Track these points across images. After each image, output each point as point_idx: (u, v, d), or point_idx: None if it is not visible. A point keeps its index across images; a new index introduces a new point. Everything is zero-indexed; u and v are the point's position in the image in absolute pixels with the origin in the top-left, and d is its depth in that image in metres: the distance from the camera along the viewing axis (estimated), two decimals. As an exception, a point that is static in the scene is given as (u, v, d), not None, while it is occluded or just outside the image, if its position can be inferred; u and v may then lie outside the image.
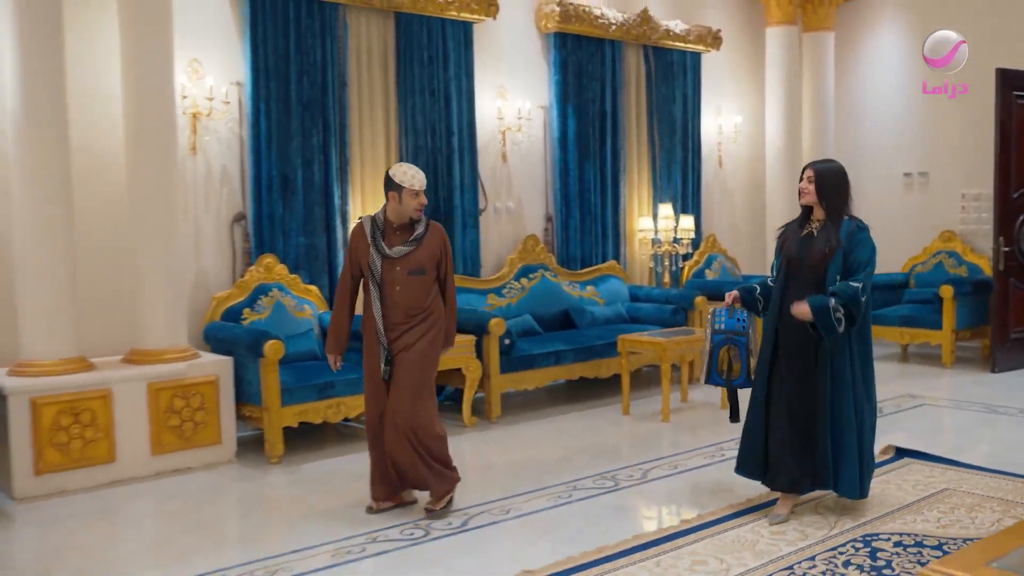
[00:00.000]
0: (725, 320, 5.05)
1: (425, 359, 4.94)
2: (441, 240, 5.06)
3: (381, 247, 4.87)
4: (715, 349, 5.05)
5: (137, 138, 5.91)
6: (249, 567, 4.24)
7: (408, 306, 4.92)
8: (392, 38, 7.45)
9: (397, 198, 4.86)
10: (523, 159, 8.45)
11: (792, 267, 4.77)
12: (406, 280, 4.91)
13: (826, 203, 4.73)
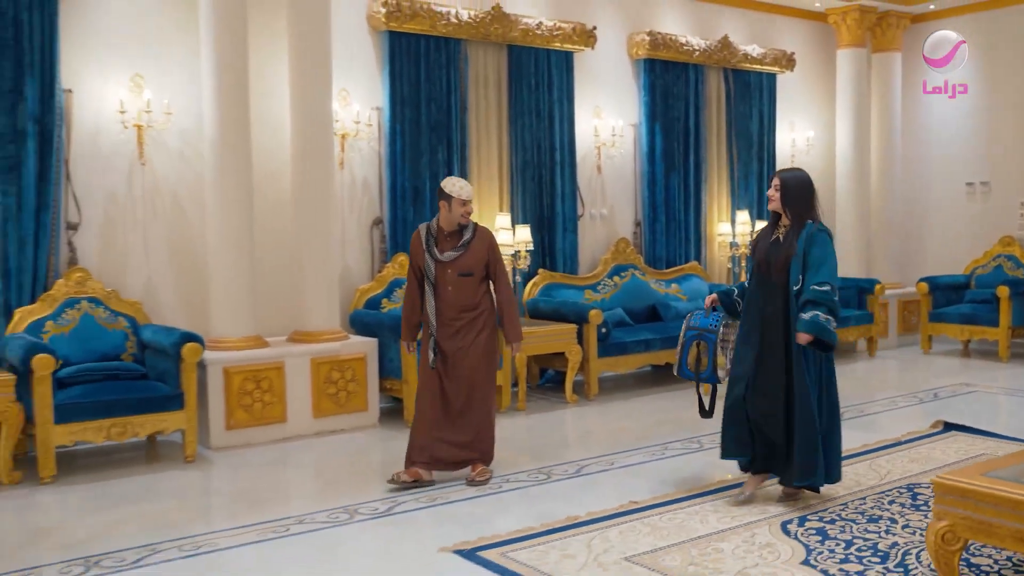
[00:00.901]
0: (700, 319, 5.45)
1: (485, 357, 5.61)
2: (488, 244, 5.67)
3: (434, 252, 5.54)
4: (687, 344, 5.43)
5: (301, 156, 7.17)
6: (391, 498, 5.40)
7: (459, 303, 5.57)
8: (505, 67, 8.61)
9: (447, 207, 5.54)
10: (616, 171, 9.54)
11: (762, 269, 5.12)
12: (456, 281, 5.56)
13: (790, 210, 5.08)
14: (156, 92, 6.89)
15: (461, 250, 5.56)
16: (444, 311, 5.56)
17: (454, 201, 5.53)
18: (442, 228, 5.60)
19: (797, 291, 4.96)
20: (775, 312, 5.06)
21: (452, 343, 5.57)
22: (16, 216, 6.36)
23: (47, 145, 6.45)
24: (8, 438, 5.72)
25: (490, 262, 5.66)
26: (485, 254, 5.63)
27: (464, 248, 5.57)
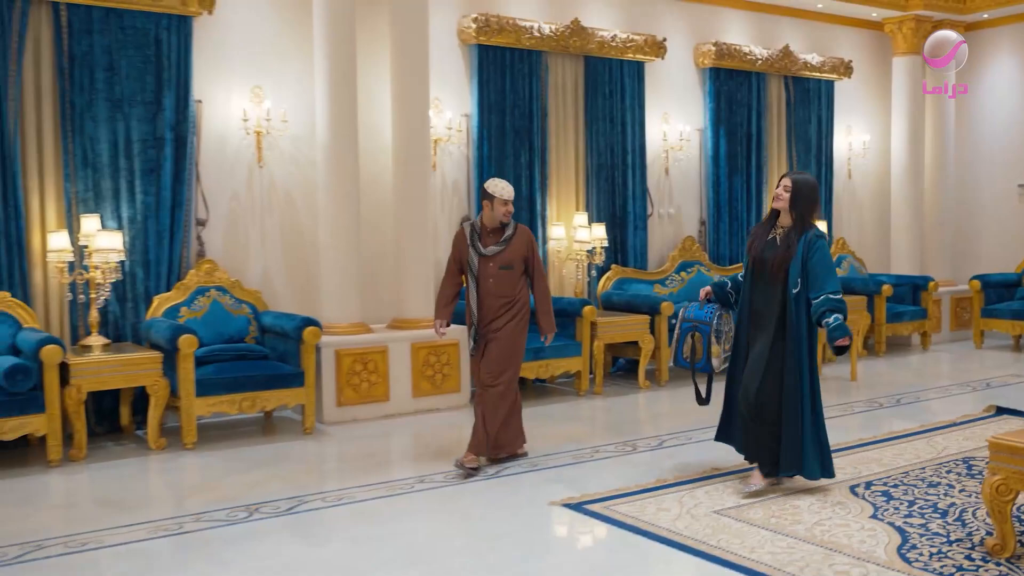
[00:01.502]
0: (695, 312, 5.65)
1: (512, 340, 5.95)
2: (527, 241, 6.03)
3: (478, 247, 5.96)
4: (682, 335, 5.65)
5: (402, 160, 7.87)
6: (497, 464, 6.07)
7: (500, 295, 5.96)
8: (582, 77, 9.26)
9: (490, 206, 5.94)
10: (682, 173, 10.15)
11: (757, 266, 5.27)
12: (498, 274, 5.95)
13: (796, 211, 5.20)
14: (274, 102, 7.65)
15: (503, 245, 5.96)
16: (485, 301, 5.97)
17: (496, 200, 5.94)
18: (485, 225, 6.02)
19: (797, 293, 5.11)
20: (767, 308, 5.24)
21: (490, 330, 5.98)
22: (155, 213, 7.14)
23: (182, 150, 7.23)
24: (156, 408, 6.50)
25: (528, 258, 6.04)
26: (524, 250, 6.02)
27: (506, 244, 5.97)
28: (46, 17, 6.75)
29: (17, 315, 6.57)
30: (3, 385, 5.89)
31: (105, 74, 6.92)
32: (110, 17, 6.91)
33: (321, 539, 4.80)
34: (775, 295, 5.20)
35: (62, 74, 6.80)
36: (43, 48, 6.77)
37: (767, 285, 5.23)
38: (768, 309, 5.23)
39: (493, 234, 6.01)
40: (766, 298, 5.25)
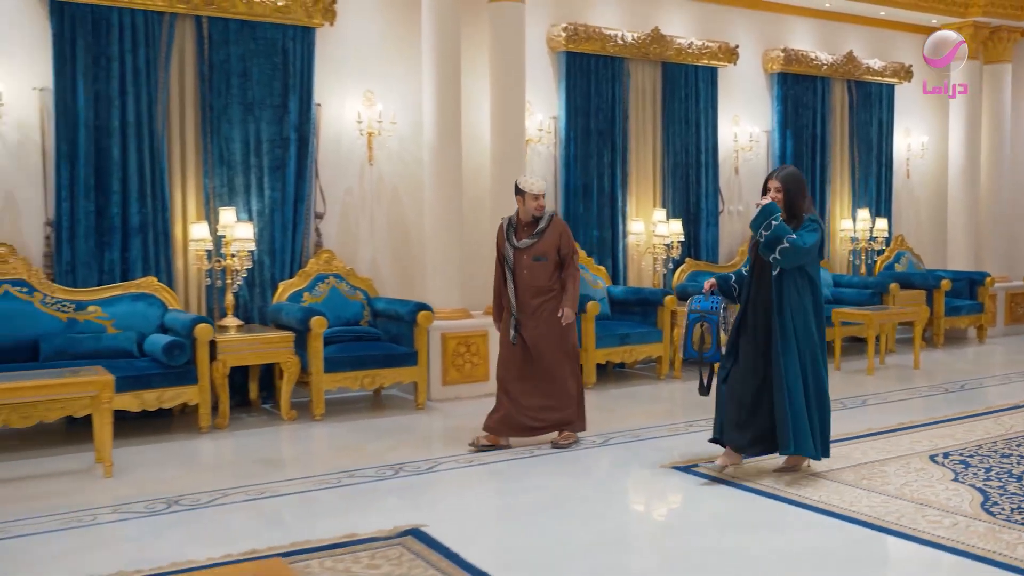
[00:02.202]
0: (701, 303, 5.78)
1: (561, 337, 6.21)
2: (560, 232, 6.24)
3: (512, 240, 6.25)
4: (690, 326, 5.77)
5: (499, 159, 8.50)
6: (603, 435, 6.70)
7: (534, 285, 6.21)
8: (660, 81, 9.87)
9: (522, 201, 6.22)
10: (751, 172, 10.72)
11: (756, 263, 5.48)
12: (532, 265, 6.21)
13: (792, 208, 5.37)
14: (385, 105, 8.33)
15: (536, 238, 6.21)
16: (521, 292, 6.22)
17: (527, 196, 6.22)
18: (520, 219, 6.31)
19: (778, 273, 5.29)
20: (765, 299, 5.42)
21: (530, 322, 6.21)
22: (280, 207, 7.85)
23: (304, 149, 7.92)
24: (288, 383, 7.19)
25: (561, 247, 6.26)
26: (557, 240, 6.24)
27: (539, 236, 6.21)
28: (190, 30, 7.47)
29: (163, 298, 7.29)
30: (163, 359, 6.61)
31: (239, 80, 7.63)
32: (244, 29, 7.61)
33: (471, 492, 5.45)
34: (769, 288, 5.39)
35: (203, 80, 7.52)
36: (187, 57, 7.49)
37: (765, 278, 5.41)
38: (765, 300, 5.43)
39: (527, 227, 6.29)
40: (763, 290, 5.43)
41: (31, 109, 7.03)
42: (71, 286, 7.07)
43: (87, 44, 7.05)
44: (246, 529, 4.76)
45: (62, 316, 6.94)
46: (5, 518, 4.85)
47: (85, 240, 7.12)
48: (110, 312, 7.08)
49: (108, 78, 7.13)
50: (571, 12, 9.34)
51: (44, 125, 7.07)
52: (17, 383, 5.55)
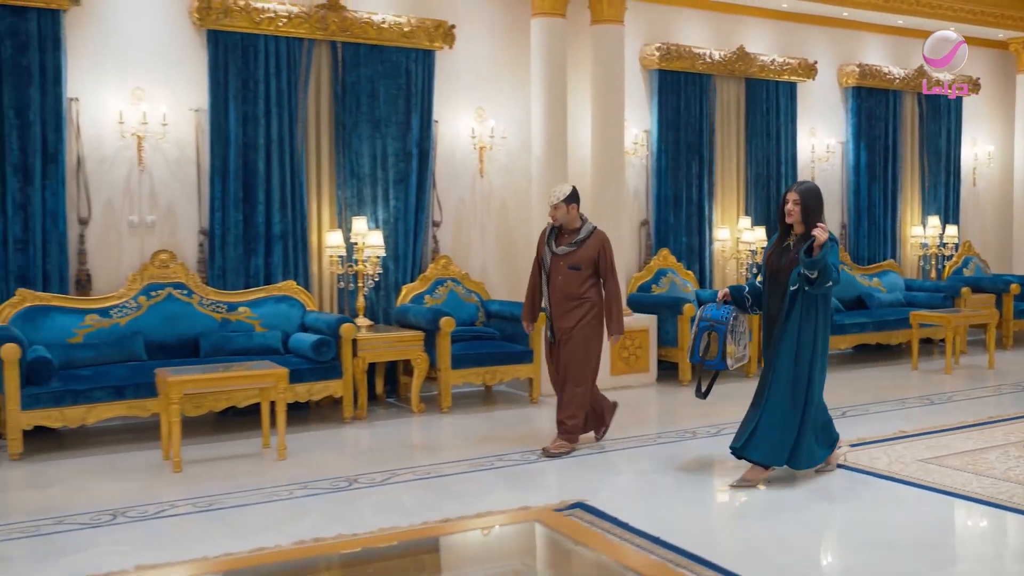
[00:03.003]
0: (712, 311, 5.91)
1: (584, 340, 6.41)
2: (599, 245, 6.38)
3: (551, 246, 6.47)
4: (699, 333, 5.92)
5: (600, 170, 9.11)
6: (715, 426, 7.29)
7: (565, 292, 6.38)
8: (743, 97, 10.44)
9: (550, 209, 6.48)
10: (827, 181, 11.24)
11: (772, 275, 5.60)
12: (566, 272, 6.38)
13: (806, 221, 5.44)
14: (496, 121, 8.97)
15: (574, 247, 6.39)
16: (553, 297, 6.46)
17: (551, 206, 6.50)
18: (563, 226, 6.51)
19: (794, 291, 5.41)
20: (775, 313, 5.58)
21: (560, 324, 6.45)
22: (403, 216, 8.50)
23: (424, 163, 8.58)
24: (419, 378, 7.84)
25: (600, 261, 6.39)
26: (596, 253, 6.39)
27: (577, 246, 6.38)
28: (326, 55, 8.15)
29: (302, 300, 7.96)
30: (311, 356, 7.28)
31: (368, 100, 8.29)
32: (373, 53, 8.28)
33: (612, 471, 6.05)
34: (782, 299, 5.51)
35: (336, 100, 8.19)
36: (323, 79, 8.17)
37: (779, 290, 5.52)
38: (776, 314, 5.56)
39: (568, 235, 6.46)
40: (777, 302, 5.55)
41: (188, 128, 7.73)
42: (222, 289, 7.76)
43: (237, 69, 7.75)
44: (427, 502, 5.39)
45: (217, 316, 7.63)
46: (215, 492, 5.53)
47: (234, 247, 7.81)
48: (257, 312, 7.77)
49: (255, 99, 7.81)
50: (663, 32, 9.95)
51: (199, 143, 7.77)
52: (216, 374, 6.26)
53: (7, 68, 6.97)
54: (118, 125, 7.41)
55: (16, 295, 7.01)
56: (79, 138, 7.33)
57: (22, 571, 4.35)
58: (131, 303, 7.37)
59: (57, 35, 7.12)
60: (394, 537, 3.70)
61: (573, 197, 6.46)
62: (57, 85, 7.14)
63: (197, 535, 4.84)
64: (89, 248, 7.43)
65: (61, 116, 7.16)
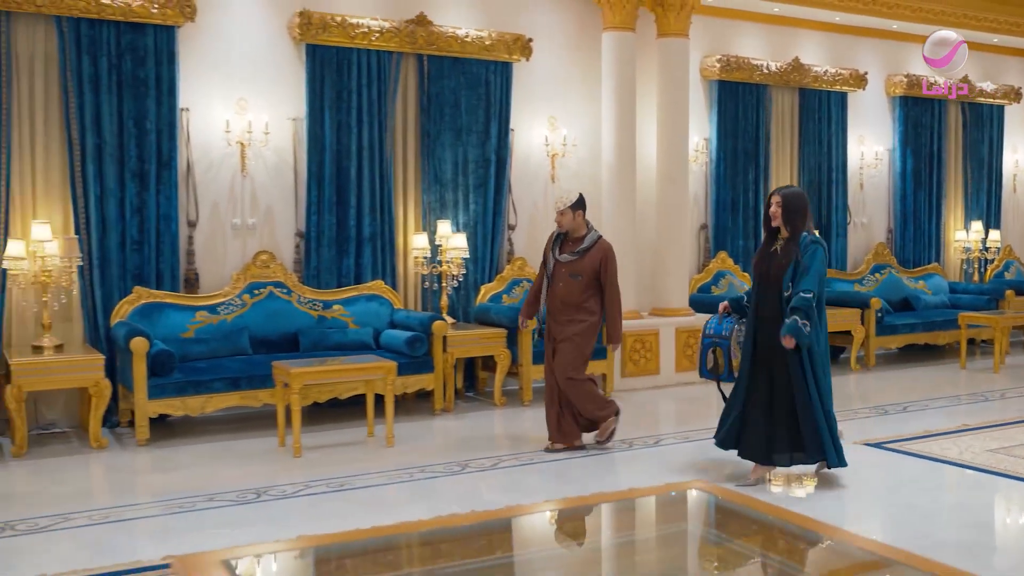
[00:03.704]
0: (714, 326, 6.03)
1: (577, 346, 6.46)
2: (602, 256, 6.41)
3: (555, 252, 6.55)
4: (704, 351, 6.05)
5: (664, 176, 9.56)
6: (798, 418, 7.71)
7: (564, 299, 6.46)
8: (797, 106, 10.89)
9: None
10: (874, 187, 11.68)
11: (761, 279, 5.66)
12: (567, 280, 6.45)
13: (790, 225, 5.54)
14: (568, 130, 9.43)
15: (576, 256, 6.46)
16: (552, 302, 6.54)
17: (557, 211, 6.58)
18: (569, 233, 6.59)
19: (788, 296, 5.48)
20: (771, 315, 5.60)
21: (555, 330, 6.55)
22: (482, 219, 8.97)
23: (501, 169, 9.05)
24: (501, 373, 8.30)
25: (601, 271, 6.45)
26: (598, 264, 6.44)
27: (579, 255, 6.45)
28: (413, 67, 8.63)
29: (390, 298, 8.43)
30: (405, 351, 7.74)
31: (451, 110, 8.76)
32: (456, 65, 8.75)
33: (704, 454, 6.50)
34: (774, 301, 5.58)
35: (422, 110, 8.66)
36: (409, 90, 8.64)
37: (771, 294, 5.59)
38: (771, 315, 5.61)
39: (573, 243, 6.54)
40: (771, 306, 5.62)
41: (287, 136, 8.21)
42: (316, 288, 8.24)
43: (332, 81, 8.22)
44: (547, 484, 5.86)
45: (313, 313, 8.11)
46: (340, 475, 6.00)
47: (328, 248, 8.29)
48: (350, 310, 8.24)
49: (348, 109, 8.29)
50: (722, 44, 10.39)
51: (297, 150, 8.25)
52: (335, 366, 6.74)
53: (127, 81, 7.47)
54: (224, 133, 7.90)
55: (133, 292, 7.50)
56: (189, 145, 7.82)
57: (195, 541, 4.81)
58: (236, 301, 7.86)
59: (172, 50, 7.61)
60: (582, 501, 4.10)
61: (580, 204, 6.53)
62: (171, 96, 7.62)
63: (339, 511, 5.28)
64: (197, 249, 7.91)
65: (174, 125, 7.65)
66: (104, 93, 7.39)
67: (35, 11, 7.11)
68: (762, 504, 3.61)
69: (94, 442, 6.75)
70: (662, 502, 3.62)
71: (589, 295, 6.47)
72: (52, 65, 7.31)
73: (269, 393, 7.12)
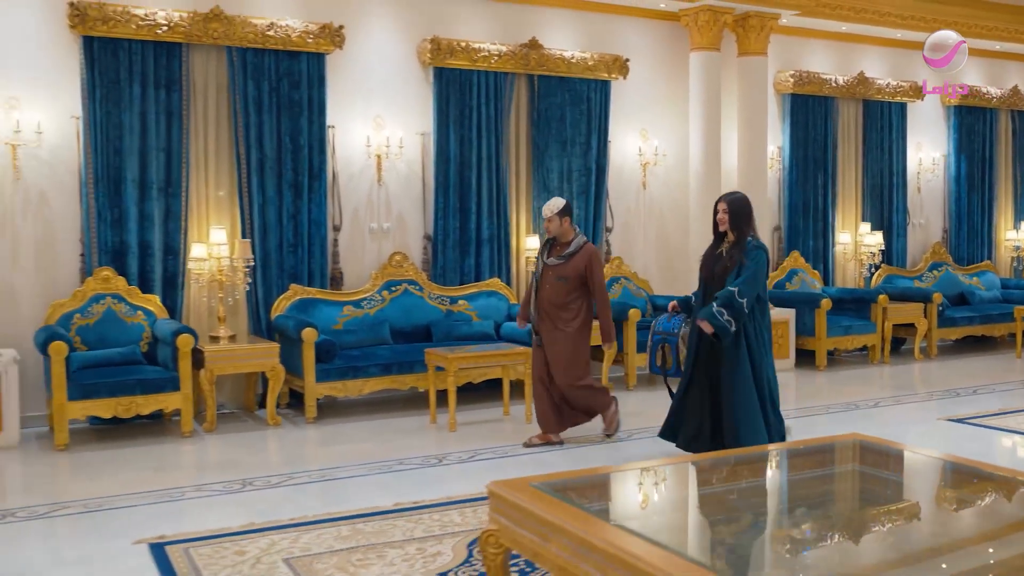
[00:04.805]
0: (663, 324, 6.36)
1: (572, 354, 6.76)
2: (586, 260, 6.68)
3: (543, 256, 6.87)
4: (654, 347, 6.37)
5: (745, 183, 10.42)
6: (824, 408, 8.63)
7: (551, 300, 6.76)
8: (861, 117, 11.80)
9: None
10: (930, 191, 12.57)
11: (708, 279, 5.97)
12: (554, 283, 6.74)
13: (735, 229, 5.87)
14: (659, 141, 10.38)
15: (562, 260, 6.75)
16: (541, 304, 6.85)
17: (544, 219, 6.88)
18: (556, 239, 6.87)
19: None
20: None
21: (545, 329, 6.84)
22: (584, 223, 9.91)
23: (600, 177, 10.00)
24: (607, 362, 9.23)
25: (587, 274, 6.73)
26: (583, 267, 6.72)
27: (565, 259, 6.74)
28: (524, 86, 9.60)
29: (506, 294, 9.39)
30: (527, 340, 8.69)
31: (557, 124, 9.72)
32: (562, 84, 9.71)
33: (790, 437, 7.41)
34: None
35: (533, 124, 9.63)
36: (521, 107, 9.61)
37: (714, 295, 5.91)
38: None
39: (560, 247, 6.83)
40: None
41: (416, 150, 9.19)
42: (443, 285, 9.21)
43: (455, 99, 9.20)
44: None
45: (442, 307, 9.08)
46: (503, 444, 6.96)
47: (452, 249, 9.26)
48: (473, 305, 9.21)
49: (470, 125, 9.26)
50: (793, 61, 11.31)
51: (424, 162, 9.23)
52: (485, 352, 7.69)
53: (284, 102, 8.46)
54: (364, 147, 8.89)
55: (289, 289, 8.49)
56: (334, 158, 8.80)
57: (417, 493, 5.76)
58: (376, 296, 8.85)
59: (322, 74, 8.60)
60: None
61: (566, 211, 6.78)
62: (321, 115, 8.61)
63: (525, 470, 6.16)
64: (340, 250, 8.90)
65: (323, 141, 8.64)
66: (265, 114, 8.39)
67: (211, 43, 8.11)
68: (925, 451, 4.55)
69: (270, 419, 7.73)
70: (838, 446, 4.55)
71: (574, 297, 6.76)
72: (223, 90, 8.32)
73: (415, 377, 8.10)
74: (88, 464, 6.65)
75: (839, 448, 4.56)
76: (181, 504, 5.67)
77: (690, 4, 9.93)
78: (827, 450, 4.63)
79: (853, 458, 4.42)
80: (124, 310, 7.77)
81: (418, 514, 5.29)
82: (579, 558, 3.25)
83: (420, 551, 4.68)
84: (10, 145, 7.53)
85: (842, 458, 4.52)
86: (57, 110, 7.75)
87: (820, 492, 4.18)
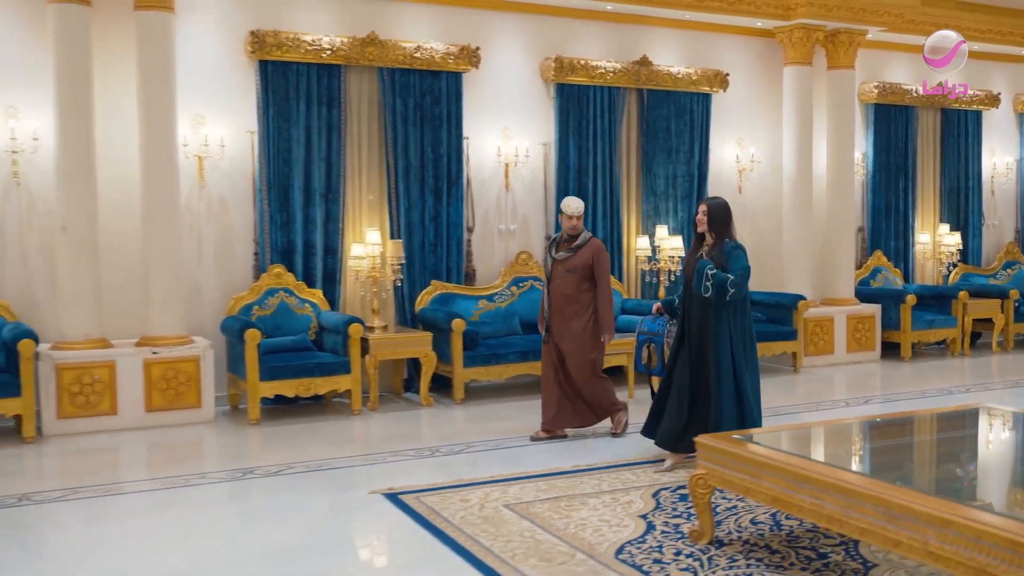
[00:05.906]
0: (648, 325, 6.55)
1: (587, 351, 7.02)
2: (593, 252, 6.98)
3: (552, 251, 7.18)
4: (639, 346, 6.58)
5: (833, 188, 11.28)
6: (883, 395, 9.41)
7: (561, 293, 7.02)
8: (939, 124, 12.56)
9: (563, 219, 7.15)
10: (1004, 194, 13.30)
11: (689, 281, 6.12)
12: (563, 276, 7.02)
13: (714, 231, 6.04)
14: (754, 148, 11.22)
15: (571, 252, 7.05)
16: (552, 297, 7.11)
17: (563, 215, 7.16)
18: (565, 235, 7.21)
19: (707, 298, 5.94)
20: (698, 314, 6.07)
21: (558, 325, 7.07)
22: (686, 226, 10.78)
23: (702, 183, 10.87)
24: (713, 350, 10.09)
25: (593, 266, 7.01)
26: (590, 259, 7.01)
27: (573, 252, 7.05)
28: (635, 100, 10.50)
29: (619, 289, 10.27)
30: (644, 331, 9.57)
31: (663, 134, 10.61)
32: (668, 97, 10.59)
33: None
34: (702, 304, 6.03)
35: (642, 134, 10.52)
36: (632, 119, 10.51)
37: (697, 297, 6.03)
38: (699, 317, 6.08)
39: (567, 242, 7.17)
40: (696, 307, 6.10)
41: (539, 158, 10.12)
42: (562, 281, 10.12)
43: (575, 112, 10.11)
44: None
45: (563, 302, 9.98)
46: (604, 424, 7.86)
47: (570, 249, 10.17)
48: (590, 299, 10.10)
49: (587, 135, 10.17)
50: (876, 72, 12.10)
51: (546, 169, 10.15)
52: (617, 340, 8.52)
53: (426, 117, 9.42)
54: (495, 157, 9.84)
55: (431, 285, 9.45)
56: (468, 166, 9.74)
57: (583, 458, 6.66)
58: (506, 291, 9.78)
59: (459, 91, 9.55)
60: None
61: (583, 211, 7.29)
62: (458, 128, 9.56)
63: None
64: (473, 249, 9.85)
65: (460, 151, 9.59)
66: (410, 127, 9.35)
67: (366, 64, 9.09)
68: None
69: (424, 400, 8.68)
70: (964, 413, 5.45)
71: (584, 288, 7.06)
72: (374, 106, 9.30)
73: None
74: (280, 435, 7.63)
75: (968, 414, 5.45)
76: (384, 467, 6.63)
77: (785, 22, 10.76)
78: (957, 416, 5.51)
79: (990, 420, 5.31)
80: (294, 303, 8.77)
81: (598, 474, 6.20)
82: (794, 489, 4.14)
83: (615, 500, 5.59)
84: (198, 157, 8.56)
85: (972, 422, 5.41)
86: (235, 126, 8.77)
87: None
